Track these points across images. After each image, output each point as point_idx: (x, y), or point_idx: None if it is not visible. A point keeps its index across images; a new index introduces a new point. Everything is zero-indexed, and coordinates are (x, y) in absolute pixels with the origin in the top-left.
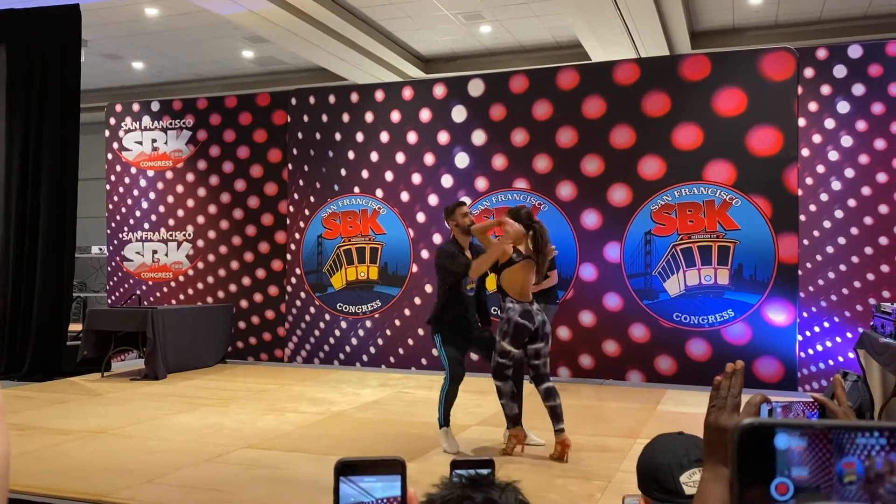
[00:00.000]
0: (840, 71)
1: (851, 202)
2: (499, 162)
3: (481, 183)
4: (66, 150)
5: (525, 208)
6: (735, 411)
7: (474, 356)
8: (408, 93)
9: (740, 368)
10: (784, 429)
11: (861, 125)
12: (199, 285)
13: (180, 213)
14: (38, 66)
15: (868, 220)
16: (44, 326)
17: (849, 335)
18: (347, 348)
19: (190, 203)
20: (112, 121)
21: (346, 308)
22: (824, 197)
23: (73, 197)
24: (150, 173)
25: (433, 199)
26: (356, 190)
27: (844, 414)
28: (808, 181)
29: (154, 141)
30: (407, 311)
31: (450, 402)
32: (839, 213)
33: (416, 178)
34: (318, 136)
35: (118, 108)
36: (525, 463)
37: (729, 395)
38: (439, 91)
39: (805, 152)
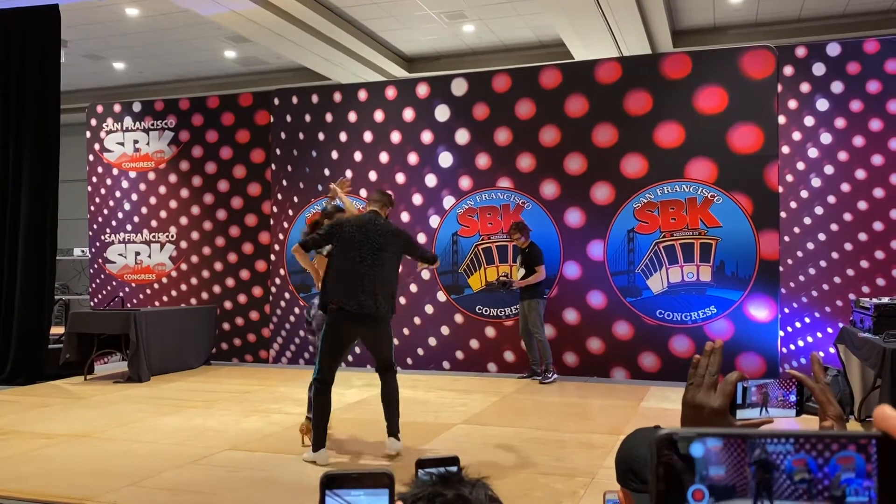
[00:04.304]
0: (819, 69)
1: (831, 199)
2: (482, 161)
3: (465, 182)
4: (46, 152)
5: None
6: (712, 389)
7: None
8: (391, 92)
9: (719, 347)
10: (700, 438)
11: (840, 122)
12: (183, 287)
13: (163, 214)
14: (17, 67)
15: (848, 217)
16: (25, 330)
17: (829, 330)
18: None
19: (173, 204)
20: (93, 122)
21: None
22: (804, 194)
23: (55, 199)
24: (133, 174)
25: (417, 199)
26: None
27: (822, 391)
28: (789, 178)
29: (136, 142)
30: None
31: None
32: (819, 210)
33: (400, 178)
34: (301, 136)
35: (99, 109)
36: (509, 461)
37: (707, 373)
38: (422, 90)
39: (785, 149)
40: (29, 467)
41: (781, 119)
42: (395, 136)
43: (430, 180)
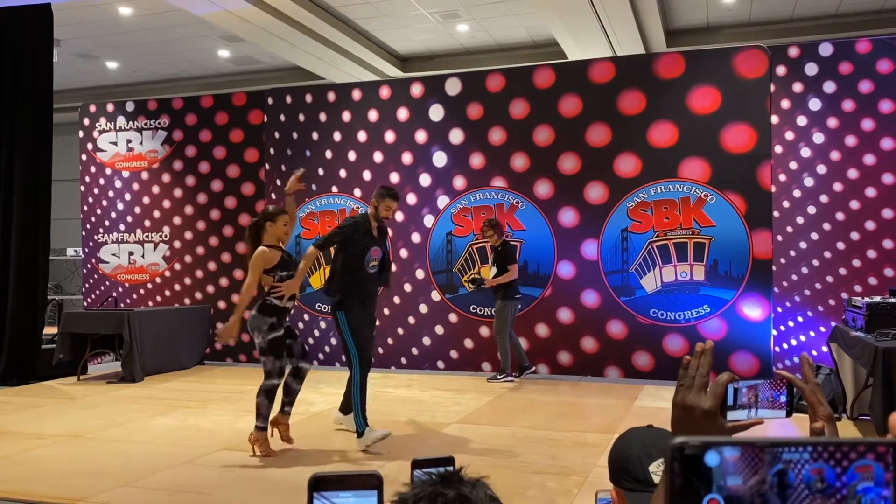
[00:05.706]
0: (811, 69)
1: (824, 198)
2: (476, 161)
3: (459, 182)
4: (39, 152)
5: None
6: (702, 390)
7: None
8: (385, 92)
9: (709, 348)
10: (715, 446)
11: (832, 122)
12: (177, 287)
13: (156, 214)
14: (9, 67)
15: (840, 216)
16: (19, 330)
17: (822, 329)
18: (327, 348)
19: (166, 204)
20: (86, 121)
21: (324, 308)
22: (797, 193)
23: (47, 198)
24: (126, 174)
25: (411, 199)
26: (334, 189)
27: (812, 392)
28: (782, 178)
29: (129, 141)
30: (386, 311)
31: (365, 397)
32: (812, 209)
33: (395, 178)
34: (295, 135)
35: (92, 108)
36: (503, 460)
37: (697, 374)
38: (416, 90)
39: (778, 149)
40: (22, 468)
41: (774, 119)
42: (390, 136)
43: (425, 180)
